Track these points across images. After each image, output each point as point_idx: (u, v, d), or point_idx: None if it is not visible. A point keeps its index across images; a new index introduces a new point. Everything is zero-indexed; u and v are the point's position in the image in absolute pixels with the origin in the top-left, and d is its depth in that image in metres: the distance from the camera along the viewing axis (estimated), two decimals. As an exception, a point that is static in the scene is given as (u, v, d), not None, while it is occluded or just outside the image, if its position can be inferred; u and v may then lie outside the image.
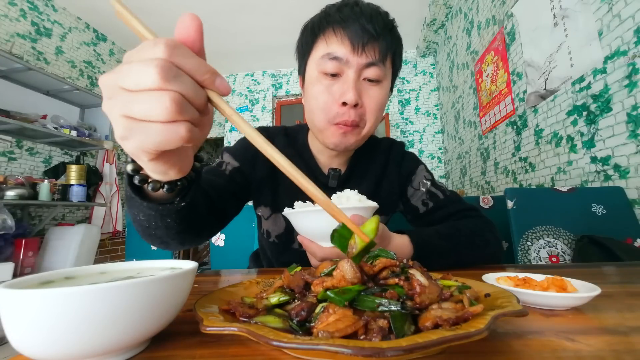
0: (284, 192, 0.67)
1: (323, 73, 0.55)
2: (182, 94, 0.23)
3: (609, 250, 0.93)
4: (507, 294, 0.29)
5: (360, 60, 0.53)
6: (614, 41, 1.25)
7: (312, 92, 0.56)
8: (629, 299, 0.38)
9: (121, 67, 0.23)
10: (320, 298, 0.28)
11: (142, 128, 0.23)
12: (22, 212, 2.66)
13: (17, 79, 2.67)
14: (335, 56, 0.53)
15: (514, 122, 2.07)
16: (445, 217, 0.64)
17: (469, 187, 2.96)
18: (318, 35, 0.56)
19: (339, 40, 0.53)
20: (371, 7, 0.55)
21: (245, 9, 3.27)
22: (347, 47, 0.52)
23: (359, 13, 0.53)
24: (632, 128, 1.18)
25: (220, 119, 4.86)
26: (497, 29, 2.25)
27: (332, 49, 0.53)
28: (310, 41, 0.58)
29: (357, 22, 0.52)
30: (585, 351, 0.24)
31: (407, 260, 0.33)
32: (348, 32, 0.52)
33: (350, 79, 0.53)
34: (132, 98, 0.22)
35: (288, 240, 0.67)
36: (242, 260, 1.53)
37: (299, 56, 0.62)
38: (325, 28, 0.55)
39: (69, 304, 0.21)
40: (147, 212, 0.37)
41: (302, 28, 0.61)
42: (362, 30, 0.52)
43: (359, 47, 0.52)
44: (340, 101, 0.53)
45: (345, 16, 0.53)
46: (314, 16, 0.59)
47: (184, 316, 0.34)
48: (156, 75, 0.21)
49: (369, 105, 0.55)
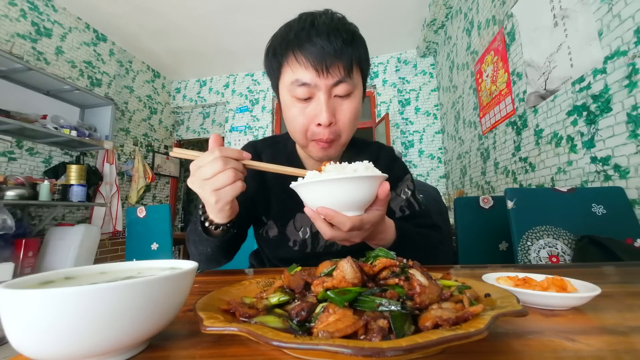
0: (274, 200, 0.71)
1: (295, 97, 0.57)
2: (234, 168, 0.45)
3: (609, 250, 0.93)
4: (507, 294, 0.29)
5: (328, 82, 0.54)
6: (614, 41, 1.25)
7: (289, 114, 0.59)
8: (629, 299, 0.38)
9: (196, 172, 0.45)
10: (320, 298, 0.28)
11: (223, 192, 0.45)
12: (22, 212, 2.66)
13: (17, 79, 2.67)
14: (303, 82, 0.54)
15: (514, 122, 2.07)
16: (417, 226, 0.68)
17: (469, 187, 2.96)
18: (281, 61, 0.57)
19: (302, 67, 0.54)
20: (328, 24, 0.55)
21: (245, 9, 3.27)
22: (311, 72, 0.53)
23: (316, 34, 0.53)
24: (632, 128, 1.18)
25: (219, 120, 4.86)
26: (497, 29, 2.25)
27: (298, 75, 0.55)
28: (275, 66, 0.59)
29: (315, 45, 0.53)
30: (585, 351, 0.24)
31: (407, 260, 0.33)
32: (309, 57, 0.53)
33: (321, 101, 0.55)
34: (213, 181, 0.44)
35: (284, 240, 0.71)
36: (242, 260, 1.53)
37: (269, 78, 0.64)
38: (286, 53, 0.56)
39: (69, 304, 0.21)
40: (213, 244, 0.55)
41: (266, 50, 0.62)
42: (322, 53, 0.53)
43: (323, 70, 0.53)
44: (315, 122, 0.56)
45: (303, 40, 0.54)
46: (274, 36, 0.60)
47: (184, 316, 0.34)
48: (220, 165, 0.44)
49: (343, 120, 0.58)
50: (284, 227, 0.70)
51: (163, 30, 3.64)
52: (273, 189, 0.71)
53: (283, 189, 0.68)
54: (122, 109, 3.86)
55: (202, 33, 3.68)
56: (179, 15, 3.36)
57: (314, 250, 0.71)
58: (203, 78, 4.84)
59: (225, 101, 4.71)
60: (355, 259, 0.31)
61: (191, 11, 3.29)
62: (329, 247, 0.71)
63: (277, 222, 0.71)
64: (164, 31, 3.65)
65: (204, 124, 4.94)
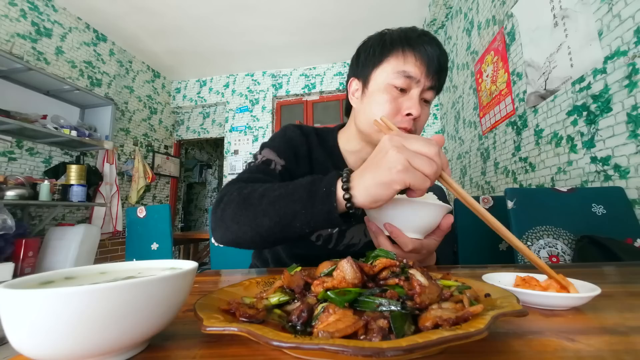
0: None
1: (393, 85, 0.62)
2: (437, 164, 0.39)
3: (609, 250, 0.93)
4: (507, 294, 0.29)
5: (427, 83, 0.62)
6: (614, 41, 1.25)
7: (378, 98, 0.63)
8: (629, 299, 0.38)
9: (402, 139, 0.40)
10: (320, 298, 0.28)
11: (414, 172, 0.38)
12: (22, 212, 2.66)
13: (17, 79, 2.67)
14: (409, 75, 0.61)
15: (514, 122, 2.07)
16: None
17: (469, 187, 2.96)
18: (393, 50, 0.63)
19: (416, 62, 0.61)
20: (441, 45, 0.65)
21: (245, 9, 3.27)
22: (421, 70, 0.61)
23: (436, 45, 0.63)
24: (632, 128, 1.18)
25: (219, 120, 4.86)
26: (497, 29, 2.25)
27: (407, 67, 0.61)
28: (384, 52, 0.64)
29: (434, 52, 0.62)
30: (585, 351, 0.24)
31: (406, 260, 0.33)
32: (426, 58, 0.61)
33: (416, 96, 0.62)
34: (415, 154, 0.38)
35: None
36: (242, 260, 1.53)
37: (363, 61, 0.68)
38: (404, 47, 0.62)
39: (69, 304, 0.21)
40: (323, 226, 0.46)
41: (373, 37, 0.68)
42: (437, 61, 0.62)
43: (430, 72, 0.62)
44: (405, 112, 0.62)
45: (425, 43, 0.62)
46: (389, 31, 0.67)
47: (184, 316, 0.34)
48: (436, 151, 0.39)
49: (422, 119, 0.65)
50: None
51: (163, 31, 3.64)
52: None
53: None
54: (122, 109, 3.86)
55: (202, 33, 3.68)
56: (179, 16, 3.36)
57: (336, 247, 0.70)
58: (203, 78, 4.84)
59: (225, 101, 4.71)
60: (354, 259, 0.31)
61: (191, 11, 3.29)
62: (349, 247, 0.71)
63: None
64: (164, 31, 3.65)
65: (204, 124, 4.93)
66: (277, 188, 0.49)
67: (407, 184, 0.39)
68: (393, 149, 0.38)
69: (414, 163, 0.38)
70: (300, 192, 0.46)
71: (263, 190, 0.50)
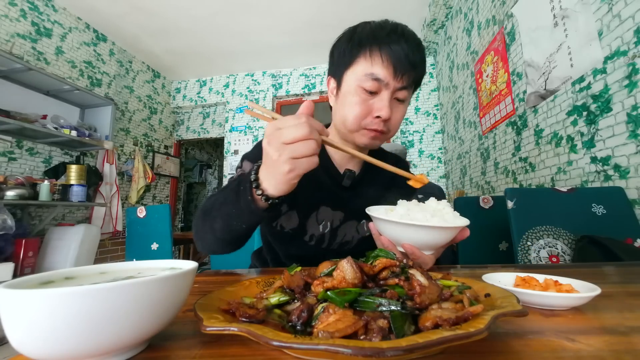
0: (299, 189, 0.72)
1: (362, 88, 0.61)
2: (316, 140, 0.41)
3: (609, 250, 0.93)
4: (507, 294, 0.29)
5: (397, 84, 0.60)
6: (614, 41, 1.25)
7: (349, 101, 0.63)
8: (629, 299, 0.38)
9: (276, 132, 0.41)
10: (320, 298, 0.28)
11: (300, 162, 0.41)
12: (22, 212, 2.66)
13: (17, 79, 2.67)
14: (377, 77, 0.60)
15: (514, 122, 2.07)
16: None
17: (469, 187, 2.96)
18: (362, 50, 0.61)
19: (383, 64, 0.59)
20: (414, 38, 0.62)
21: (245, 9, 3.27)
22: (389, 72, 0.59)
23: (405, 41, 0.60)
24: (632, 128, 1.18)
25: (219, 120, 4.86)
26: (497, 29, 2.25)
27: (375, 70, 0.60)
28: (353, 53, 0.63)
29: (403, 50, 0.59)
30: (585, 351, 0.24)
31: (406, 260, 0.33)
32: (393, 59, 0.59)
33: (386, 98, 0.61)
34: (293, 147, 0.40)
35: (300, 233, 0.71)
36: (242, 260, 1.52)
37: (336, 61, 0.67)
38: (372, 47, 0.60)
39: (69, 304, 0.21)
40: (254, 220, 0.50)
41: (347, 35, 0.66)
42: (406, 60, 0.59)
43: (399, 74, 0.59)
44: (375, 115, 0.62)
45: (393, 41, 0.59)
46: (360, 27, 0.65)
47: (184, 316, 0.34)
48: (307, 131, 0.40)
49: (395, 119, 0.65)
50: (306, 219, 0.70)
51: (163, 31, 3.64)
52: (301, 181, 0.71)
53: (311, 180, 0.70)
54: (122, 109, 3.85)
55: (202, 33, 3.68)
56: (179, 16, 3.36)
57: (330, 246, 0.71)
58: (203, 78, 4.84)
59: (225, 101, 4.71)
60: (355, 259, 0.31)
61: (191, 11, 3.29)
62: (343, 245, 0.71)
63: (299, 213, 0.70)
64: (164, 31, 3.65)
65: (204, 124, 4.93)
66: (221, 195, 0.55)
67: (300, 174, 0.43)
68: (275, 153, 0.41)
69: (296, 154, 0.41)
70: (232, 195, 0.51)
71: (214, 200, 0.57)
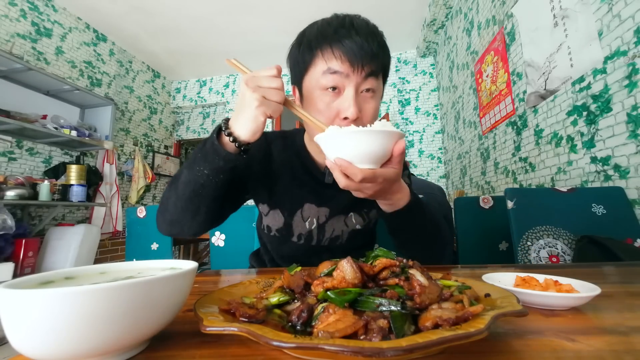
0: (281, 189, 0.71)
1: (323, 88, 0.58)
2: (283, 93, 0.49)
3: (609, 250, 0.93)
4: (507, 294, 0.29)
5: (358, 78, 0.57)
6: (614, 41, 1.25)
7: (313, 107, 0.60)
8: (629, 299, 0.38)
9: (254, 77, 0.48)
10: (320, 298, 0.28)
11: (269, 103, 0.48)
12: (22, 212, 2.66)
13: (17, 79, 2.67)
14: (335, 70, 0.56)
15: (514, 122, 2.07)
16: None
17: (469, 187, 2.96)
18: (315, 53, 0.59)
19: (338, 60, 0.56)
20: (365, 27, 0.58)
21: (245, 9, 3.27)
22: (346, 65, 0.56)
23: (356, 33, 0.56)
24: (632, 128, 1.18)
25: (219, 120, 4.85)
26: (497, 29, 2.25)
27: (332, 65, 0.57)
28: (307, 59, 0.60)
29: (355, 43, 0.56)
30: (585, 351, 0.24)
31: (406, 260, 0.33)
32: (347, 52, 0.55)
33: (350, 96, 0.56)
34: (266, 90, 0.48)
35: (287, 234, 0.71)
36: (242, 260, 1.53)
37: (294, 69, 0.66)
38: (323, 46, 0.58)
39: (69, 304, 0.21)
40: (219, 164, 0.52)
41: (297, 42, 0.64)
42: (361, 52, 0.55)
43: (357, 65, 0.56)
44: (342, 116, 0.57)
45: (342, 36, 0.56)
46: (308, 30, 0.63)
47: (184, 316, 0.34)
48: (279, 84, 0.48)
49: (367, 115, 0.60)
50: (291, 217, 0.70)
51: (163, 31, 3.64)
52: (281, 177, 0.70)
53: (292, 178, 0.70)
54: (122, 109, 3.85)
55: (202, 33, 3.68)
56: (179, 16, 3.36)
57: (320, 242, 0.71)
58: (203, 78, 4.84)
59: (225, 101, 4.71)
60: (355, 259, 0.31)
61: (191, 11, 3.29)
62: (334, 241, 0.71)
63: (284, 212, 0.70)
64: (164, 31, 3.65)
65: (204, 124, 4.93)
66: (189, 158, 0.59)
67: (267, 114, 0.48)
68: (249, 90, 0.47)
69: (268, 96, 0.47)
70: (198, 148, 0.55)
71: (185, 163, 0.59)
